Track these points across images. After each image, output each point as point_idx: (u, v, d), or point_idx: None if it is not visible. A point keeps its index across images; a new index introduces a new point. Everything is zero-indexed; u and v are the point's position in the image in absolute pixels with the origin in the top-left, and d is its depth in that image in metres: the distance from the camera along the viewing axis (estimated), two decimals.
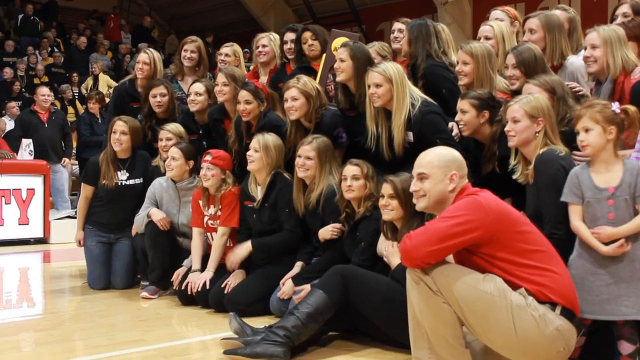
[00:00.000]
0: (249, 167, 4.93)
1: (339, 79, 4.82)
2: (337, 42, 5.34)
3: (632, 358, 3.27)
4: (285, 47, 5.96)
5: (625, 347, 3.26)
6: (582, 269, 3.30)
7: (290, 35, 5.94)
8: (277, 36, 6.26)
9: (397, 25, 5.90)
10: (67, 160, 10.71)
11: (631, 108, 3.37)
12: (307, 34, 5.75)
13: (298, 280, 4.53)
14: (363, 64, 4.71)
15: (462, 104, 4.19)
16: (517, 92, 4.15)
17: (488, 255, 3.14)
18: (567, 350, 3.12)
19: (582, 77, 4.37)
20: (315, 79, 5.33)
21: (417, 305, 3.17)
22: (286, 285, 4.57)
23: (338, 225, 4.50)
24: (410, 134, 4.39)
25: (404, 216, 3.95)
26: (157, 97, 5.98)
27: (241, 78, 5.54)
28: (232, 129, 5.34)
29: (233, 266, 4.93)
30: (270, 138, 4.91)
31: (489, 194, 3.24)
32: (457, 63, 4.54)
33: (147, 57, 6.29)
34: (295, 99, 4.85)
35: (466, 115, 4.17)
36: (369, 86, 4.47)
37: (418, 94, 4.47)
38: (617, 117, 3.30)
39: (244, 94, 5.15)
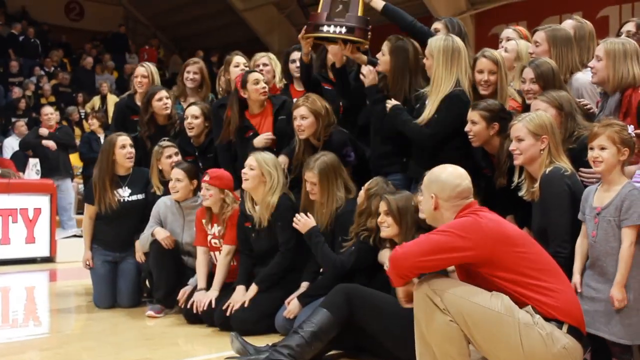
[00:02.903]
0: (244, 185, 4.93)
1: (378, 68, 4.81)
2: None
3: None
4: (293, 65, 5.93)
5: None
6: (580, 283, 3.37)
7: (297, 55, 5.94)
8: (274, 56, 6.31)
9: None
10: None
11: None
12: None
13: (304, 298, 4.55)
14: (402, 61, 4.69)
15: (472, 115, 4.20)
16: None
17: (490, 274, 3.15)
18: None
19: (587, 93, 4.37)
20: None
21: (424, 322, 3.18)
22: (292, 305, 4.58)
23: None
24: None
25: (399, 232, 3.98)
26: (164, 100, 6.06)
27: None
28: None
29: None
30: (267, 156, 4.95)
31: (490, 215, 3.24)
32: (481, 72, 4.49)
33: (144, 70, 6.40)
34: (304, 117, 4.87)
35: (476, 127, 4.18)
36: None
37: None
38: (632, 141, 3.35)
39: (257, 75, 5.37)
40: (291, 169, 5.09)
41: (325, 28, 4.83)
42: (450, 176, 3.35)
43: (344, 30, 4.80)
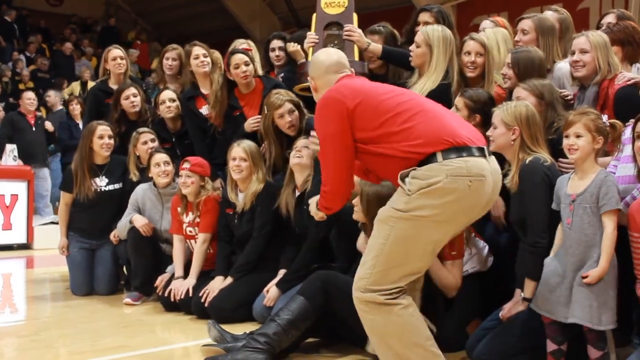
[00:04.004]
0: (237, 176, 4.94)
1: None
2: None
3: None
4: (273, 54, 5.96)
5: (593, 352, 3.32)
6: (552, 268, 3.38)
7: (277, 43, 5.95)
8: (253, 44, 6.30)
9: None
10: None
11: (618, 123, 3.44)
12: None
13: (282, 284, 4.57)
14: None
15: (458, 101, 4.22)
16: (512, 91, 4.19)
17: (363, 145, 3.19)
18: (475, 177, 3.03)
19: (568, 83, 4.40)
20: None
21: (379, 327, 3.12)
22: (271, 292, 4.59)
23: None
24: None
25: (367, 220, 3.92)
26: (131, 98, 6.05)
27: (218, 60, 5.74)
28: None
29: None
30: (253, 145, 4.99)
31: (345, 80, 3.39)
32: (469, 54, 4.54)
33: (121, 52, 6.42)
34: (292, 111, 4.93)
35: (457, 113, 4.17)
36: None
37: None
38: (606, 130, 3.38)
39: (240, 57, 5.31)
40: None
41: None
42: (319, 55, 3.56)
43: None
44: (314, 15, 4.90)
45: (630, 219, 3.32)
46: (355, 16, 4.79)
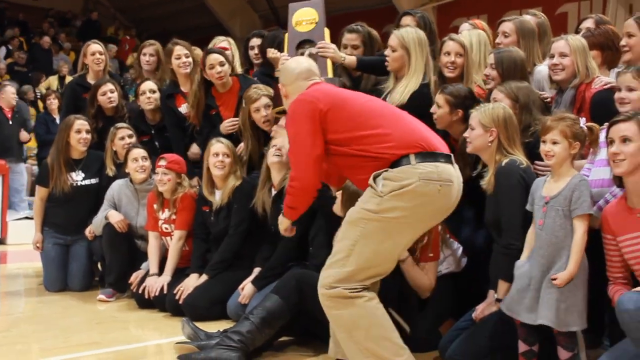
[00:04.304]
0: (221, 172, 4.93)
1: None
2: (299, 15, 4.87)
3: None
4: (252, 52, 5.96)
5: (562, 354, 3.34)
6: (522, 270, 3.39)
7: (256, 41, 5.95)
8: (233, 41, 6.29)
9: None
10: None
11: (595, 126, 3.46)
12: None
13: (258, 282, 4.56)
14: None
15: (438, 98, 4.24)
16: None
17: (334, 146, 3.22)
18: (445, 182, 3.10)
19: (547, 85, 4.43)
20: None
21: (345, 321, 3.15)
22: (246, 289, 4.58)
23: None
24: None
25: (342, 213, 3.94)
26: (108, 94, 6.01)
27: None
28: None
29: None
30: (231, 144, 5.00)
31: (315, 86, 3.43)
32: (448, 54, 4.55)
33: (100, 47, 6.38)
34: (268, 106, 4.91)
35: (440, 110, 4.21)
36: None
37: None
38: (583, 134, 3.40)
39: (215, 57, 5.27)
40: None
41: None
42: (290, 63, 3.64)
43: None
44: (286, 34, 4.90)
45: (603, 222, 3.36)
46: (327, 31, 4.74)
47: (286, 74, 3.58)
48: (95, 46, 6.38)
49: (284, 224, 3.56)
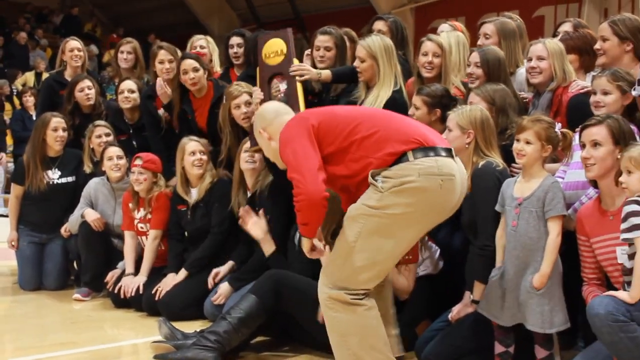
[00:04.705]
0: (200, 170, 4.92)
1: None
2: (268, 47, 4.69)
3: None
4: (231, 51, 5.93)
5: (540, 352, 3.39)
6: (497, 272, 3.43)
7: (236, 40, 5.93)
8: (212, 40, 6.27)
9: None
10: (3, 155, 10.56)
11: (569, 133, 3.50)
12: None
13: (234, 282, 4.55)
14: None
15: (416, 100, 4.24)
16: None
17: (327, 155, 3.15)
18: (447, 176, 3.07)
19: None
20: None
21: (341, 325, 3.12)
22: (223, 288, 4.57)
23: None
24: None
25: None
26: (86, 90, 5.96)
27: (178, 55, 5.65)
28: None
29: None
30: (205, 141, 4.99)
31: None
32: (426, 54, 4.55)
33: (79, 44, 6.34)
34: (249, 103, 4.86)
35: (418, 112, 4.22)
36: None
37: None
38: (557, 139, 3.44)
39: (189, 62, 5.22)
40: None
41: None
42: (265, 106, 3.60)
43: None
44: (258, 68, 4.80)
45: (578, 223, 3.39)
46: (296, 62, 4.62)
47: (263, 116, 3.46)
48: (73, 42, 6.33)
49: (305, 245, 3.28)
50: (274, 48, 4.64)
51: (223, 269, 4.73)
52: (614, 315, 2.92)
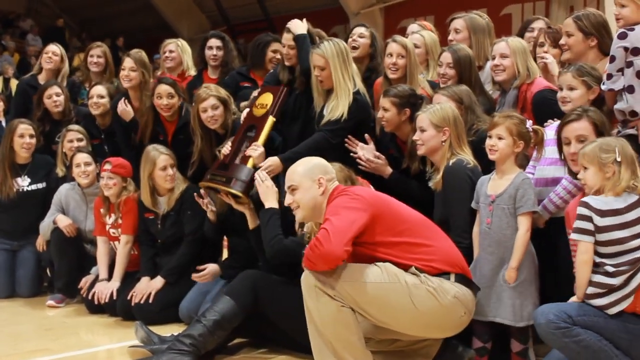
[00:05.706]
0: (170, 185, 4.88)
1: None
2: (263, 98, 4.71)
3: (521, 356, 3.47)
4: (210, 52, 5.89)
5: (515, 346, 3.46)
6: (474, 269, 3.47)
7: (216, 42, 5.92)
8: (184, 42, 6.25)
9: None
10: None
11: (540, 129, 3.54)
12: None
13: (226, 270, 4.58)
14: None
15: (383, 102, 4.24)
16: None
17: (370, 243, 3.20)
18: (469, 313, 3.24)
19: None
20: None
21: (317, 313, 3.15)
22: (211, 267, 4.60)
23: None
24: None
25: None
26: (54, 97, 5.94)
27: (148, 65, 5.60)
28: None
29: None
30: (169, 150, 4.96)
31: (357, 187, 3.45)
32: (390, 56, 4.55)
33: (57, 49, 6.32)
34: (215, 107, 4.82)
35: (387, 113, 4.23)
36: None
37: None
38: (528, 135, 3.48)
39: (165, 88, 5.16)
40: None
41: (209, 176, 4.50)
42: (319, 159, 3.50)
43: (224, 180, 4.39)
44: (246, 111, 4.80)
45: (567, 219, 3.40)
46: (270, 119, 4.55)
47: (325, 168, 3.44)
48: (52, 46, 6.35)
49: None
50: (264, 101, 4.66)
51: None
52: (555, 323, 3.00)
